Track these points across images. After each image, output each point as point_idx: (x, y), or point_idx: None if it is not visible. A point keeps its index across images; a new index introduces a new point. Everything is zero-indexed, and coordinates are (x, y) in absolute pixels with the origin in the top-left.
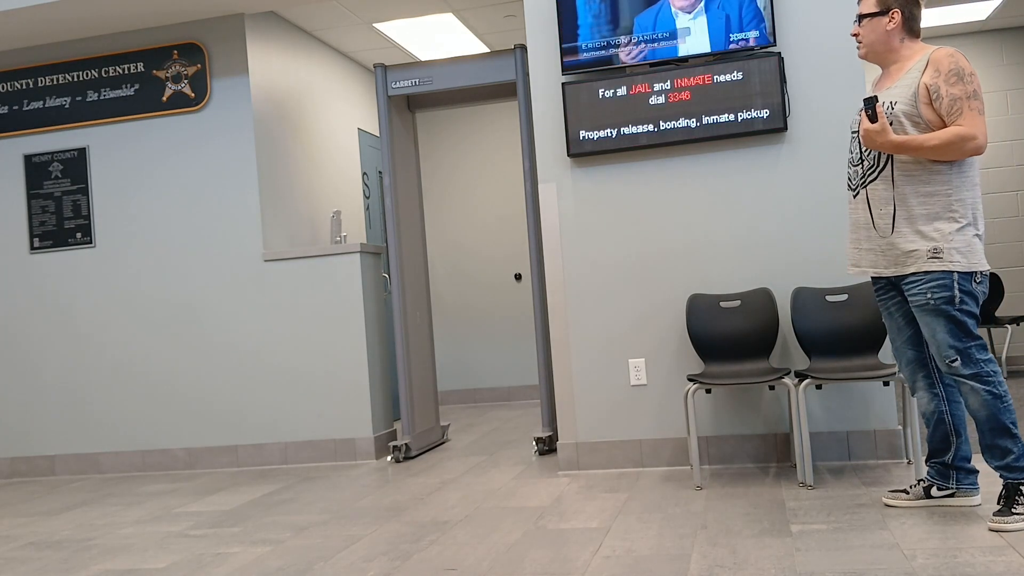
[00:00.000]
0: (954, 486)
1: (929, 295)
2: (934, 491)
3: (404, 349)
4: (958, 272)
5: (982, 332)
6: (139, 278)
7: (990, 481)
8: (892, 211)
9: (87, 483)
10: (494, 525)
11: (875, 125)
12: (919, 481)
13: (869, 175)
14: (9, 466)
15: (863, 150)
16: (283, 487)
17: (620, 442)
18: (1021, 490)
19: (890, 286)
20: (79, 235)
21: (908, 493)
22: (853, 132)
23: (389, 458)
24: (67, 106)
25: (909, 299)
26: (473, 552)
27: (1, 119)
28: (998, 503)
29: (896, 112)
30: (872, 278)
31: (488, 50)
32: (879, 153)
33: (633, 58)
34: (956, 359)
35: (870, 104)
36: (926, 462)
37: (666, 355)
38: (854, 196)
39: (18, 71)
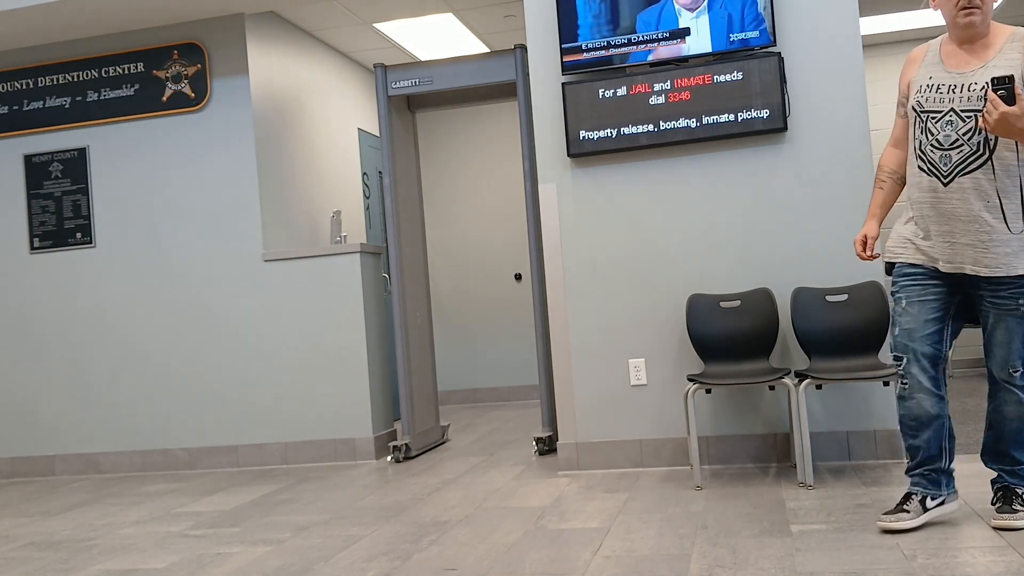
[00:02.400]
0: (944, 492)
1: (1022, 300)
2: (928, 502)
3: (404, 349)
4: None
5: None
6: (139, 278)
7: (981, 481)
8: (999, 203)
9: (87, 483)
10: (494, 525)
11: (1014, 108)
12: (909, 496)
13: (970, 162)
14: (9, 466)
15: (967, 133)
16: (283, 487)
17: (620, 442)
18: (1017, 492)
19: (944, 276)
20: (79, 235)
21: (910, 512)
22: (931, 112)
23: (389, 458)
24: (67, 106)
25: (995, 300)
26: (473, 552)
27: (1, 119)
28: (994, 502)
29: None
30: (902, 263)
31: (488, 50)
32: (985, 138)
33: (633, 57)
34: (1020, 370)
35: (1003, 84)
36: (914, 471)
37: (666, 355)
38: (945, 184)
39: (18, 71)
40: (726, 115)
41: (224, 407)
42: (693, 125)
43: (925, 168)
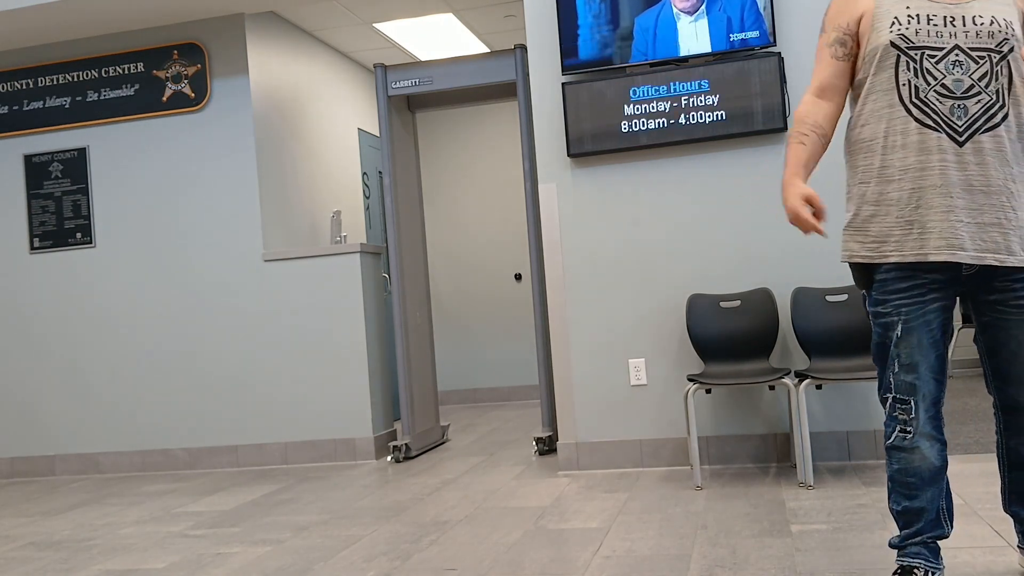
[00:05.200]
0: (942, 565)
1: None
2: None
3: (404, 349)
4: None
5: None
6: (139, 278)
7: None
8: (1015, 169)
9: (87, 483)
10: (494, 525)
11: None
12: (911, 572)
13: (992, 114)
14: (9, 466)
15: (983, 78)
16: (283, 487)
17: (620, 442)
18: None
19: (944, 282)
20: (79, 235)
21: None
22: (927, 49)
23: (389, 458)
24: (67, 106)
25: (1022, 302)
26: (473, 552)
27: (1, 119)
28: None
29: (1018, 36)
30: (888, 273)
31: (488, 50)
32: (1001, 87)
33: (634, 58)
34: None
35: None
36: (913, 540)
37: (666, 355)
38: (960, 143)
39: (18, 71)
40: (726, 115)
41: (224, 407)
42: (693, 125)
43: (931, 122)
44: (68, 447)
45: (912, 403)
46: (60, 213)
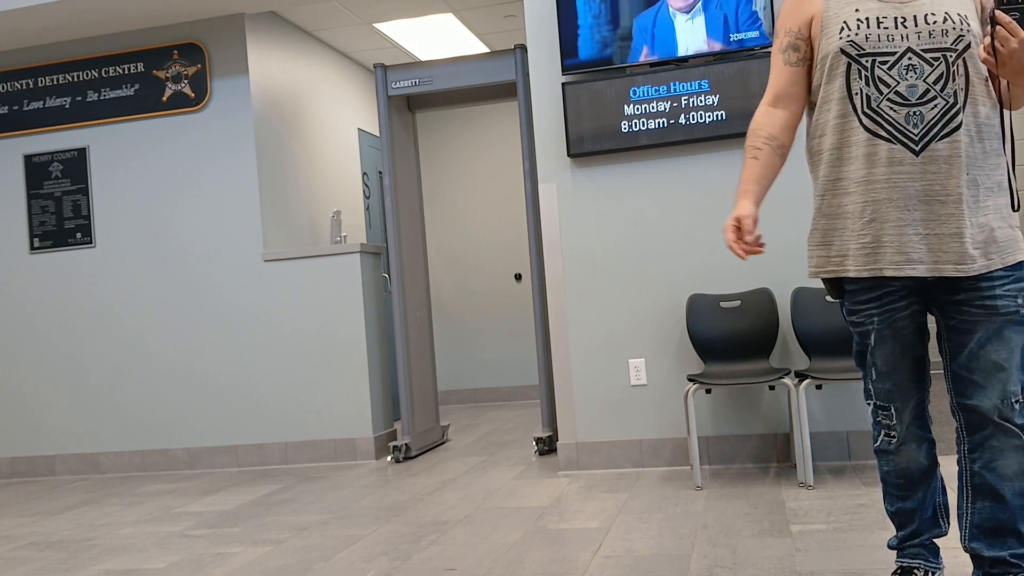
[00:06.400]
0: (942, 564)
1: (1021, 299)
2: None
3: (404, 349)
4: None
5: None
6: (139, 278)
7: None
8: (977, 174)
9: (87, 483)
10: (494, 525)
11: None
12: (911, 574)
13: (949, 119)
14: (9, 466)
15: (938, 81)
16: (283, 487)
17: (620, 442)
18: None
19: (913, 288)
20: (79, 235)
21: None
22: (879, 55)
23: (389, 458)
24: (67, 106)
25: (984, 305)
26: (473, 552)
27: (1, 119)
28: None
29: (974, 31)
30: (857, 284)
31: (488, 50)
32: (958, 88)
33: (633, 58)
34: (1022, 398)
35: (1015, 3)
36: (911, 543)
37: (666, 355)
38: (917, 153)
39: (18, 71)
40: (726, 115)
41: (224, 407)
42: (693, 125)
43: (885, 133)
44: (68, 447)
45: (892, 409)
46: (60, 213)
